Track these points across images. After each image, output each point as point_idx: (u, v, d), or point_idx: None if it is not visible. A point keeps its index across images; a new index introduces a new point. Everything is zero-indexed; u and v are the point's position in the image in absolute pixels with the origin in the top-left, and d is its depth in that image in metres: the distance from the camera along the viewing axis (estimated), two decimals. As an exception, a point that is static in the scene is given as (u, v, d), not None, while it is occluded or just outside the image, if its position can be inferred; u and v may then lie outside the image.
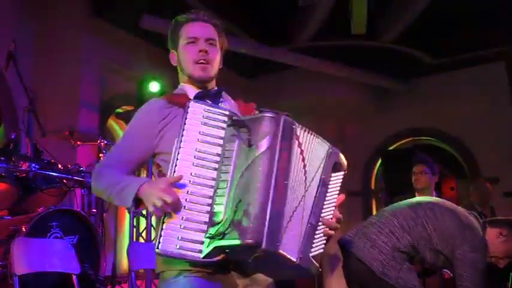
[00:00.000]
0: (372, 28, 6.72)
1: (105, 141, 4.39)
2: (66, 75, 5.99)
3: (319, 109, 8.41)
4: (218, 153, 1.56)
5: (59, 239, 3.28)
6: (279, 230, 1.50)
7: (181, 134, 1.54)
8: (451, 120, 8.04)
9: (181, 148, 1.53)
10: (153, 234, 5.66)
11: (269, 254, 1.48)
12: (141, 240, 5.63)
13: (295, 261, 1.57)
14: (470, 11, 6.26)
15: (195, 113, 1.57)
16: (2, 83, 5.27)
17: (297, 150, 1.61)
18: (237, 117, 1.60)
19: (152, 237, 5.60)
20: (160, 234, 1.46)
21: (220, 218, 1.48)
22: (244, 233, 1.44)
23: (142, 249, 3.61)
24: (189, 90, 1.85)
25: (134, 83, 6.37)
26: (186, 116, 1.56)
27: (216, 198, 1.51)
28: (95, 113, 6.25)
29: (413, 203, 2.84)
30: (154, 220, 6.17)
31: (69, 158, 4.37)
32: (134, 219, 5.73)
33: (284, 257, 1.52)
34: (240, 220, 1.45)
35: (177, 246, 1.45)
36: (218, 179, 1.53)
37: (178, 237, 1.46)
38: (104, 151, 4.35)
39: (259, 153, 1.51)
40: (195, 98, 1.74)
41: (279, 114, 1.59)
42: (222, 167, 1.54)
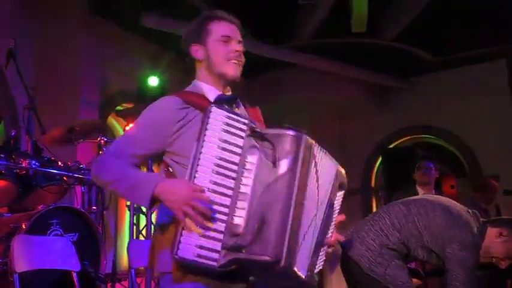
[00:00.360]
0: (373, 26, 6.71)
1: (105, 139, 4.39)
2: (66, 73, 5.99)
3: (320, 107, 8.42)
4: (237, 162, 1.54)
5: (59, 236, 3.27)
6: (295, 248, 1.52)
7: (203, 139, 1.51)
8: (452, 118, 8.04)
9: (202, 154, 1.50)
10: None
11: (284, 271, 1.49)
12: (141, 237, 5.63)
13: (304, 278, 1.60)
14: (471, 9, 6.25)
15: (217, 119, 1.54)
16: (2, 80, 5.27)
17: (313, 170, 1.62)
18: (257, 128, 1.58)
19: (152, 235, 5.60)
20: (179, 240, 1.45)
21: (240, 231, 1.48)
22: (265, 249, 1.45)
23: (143, 247, 3.60)
24: (207, 89, 1.80)
25: (134, 81, 6.38)
26: (207, 121, 1.52)
27: (235, 210, 1.50)
28: (95, 110, 6.25)
29: (408, 201, 2.84)
30: (155, 218, 6.18)
31: (69, 156, 4.37)
32: (134, 217, 5.73)
33: (295, 274, 1.55)
34: (260, 236, 1.46)
35: (195, 254, 1.44)
36: (237, 190, 1.52)
37: (197, 245, 1.45)
38: (104, 148, 4.35)
39: (283, 172, 1.52)
40: (215, 101, 1.70)
41: (300, 132, 1.58)
42: (242, 178, 1.53)
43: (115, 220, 6.55)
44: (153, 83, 6.26)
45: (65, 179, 3.86)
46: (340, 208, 1.88)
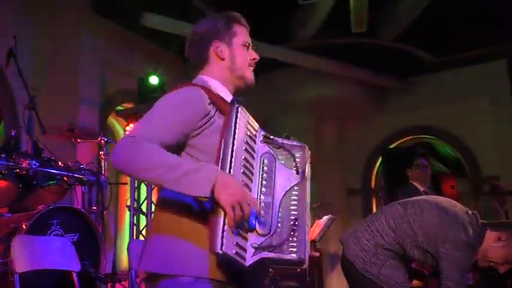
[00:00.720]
0: (373, 26, 6.71)
1: (105, 139, 4.39)
2: (67, 73, 5.99)
3: (320, 107, 8.42)
4: (256, 166, 1.61)
5: (59, 236, 3.28)
6: (308, 249, 1.63)
7: (233, 138, 1.51)
8: (452, 118, 8.04)
9: (233, 152, 1.51)
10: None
11: (304, 270, 1.58)
12: (142, 237, 5.64)
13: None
14: (471, 9, 6.26)
15: (242, 121, 1.58)
16: (2, 80, 5.27)
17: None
18: (270, 135, 1.67)
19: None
20: (223, 236, 1.41)
21: (267, 231, 1.53)
22: (294, 250, 1.53)
23: (143, 247, 3.60)
24: (220, 88, 1.78)
25: (134, 81, 6.38)
26: (236, 121, 1.54)
27: (260, 211, 1.55)
28: (95, 110, 6.25)
29: (406, 202, 2.84)
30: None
31: (69, 156, 4.37)
32: (134, 217, 5.74)
33: (307, 273, 1.73)
34: (288, 237, 1.54)
35: (234, 251, 1.45)
36: (260, 192, 1.58)
37: (234, 242, 1.45)
38: (104, 148, 4.36)
39: (301, 178, 1.66)
40: (231, 102, 1.66)
41: (305, 145, 1.74)
42: (263, 181, 1.60)
43: (115, 220, 6.55)
44: (153, 83, 6.27)
45: (65, 179, 3.86)
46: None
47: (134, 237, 5.63)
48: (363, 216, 8.33)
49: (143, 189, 5.99)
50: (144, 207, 5.91)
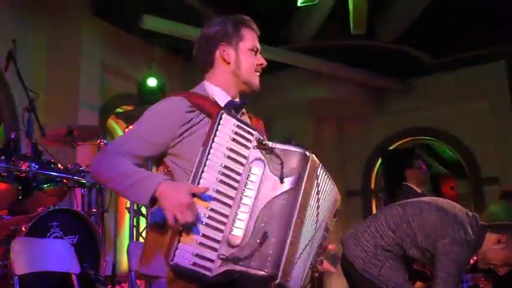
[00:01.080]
0: (372, 28, 6.72)
1: (105, 141, 4.39)
2: (66, 75, 5.99)
3: (319, 109, 8.42)
4: (241, 173, 1.52)
5: (58, 238, 3.28)
6: (291, 266, 1.52)
7: (210, 145, 1.49)
8: (451, 119, 8.04)
9: (208, 160, 1.48)
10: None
11: (278, 287, 1.49)
12: (141, 240, 5.63)
13: None
14: (470, 10, 6.26)
15: (226, 126, 1.52)
16: (2, 83, 5.27)
17: (314, 190, 1.63)
18: (265, 141, 1.57)
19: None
20: (176, 247, 1.42)
21: (238, 242, 1.47)
22: (263, 263, 1.45)
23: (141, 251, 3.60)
24: (218, 93, 1.77)
25: (134, 83, 6.38)
26: (217, 128, 1.50)
27: (235, 221, 1.48)
28: (95, 112, 6.25)
29: (406, 202, 2.84)
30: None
31: (69, 158, 4.37)
32: (134, 219, 5.73)
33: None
34: (258, 250, 1.45)
35: (191, 262, 1.42)
36: (239, 201, 1.50)
37: (193, 253, 1.43)
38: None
39: (287, 189, 1.52)
40: (225, 106, 1.68)
41: (307, 151, 1.58)
42: (245, 189, 1.51)
43: (115, 222, 6.55)
44: (153, 86, 6.26)
45: (64, 181, 3.86)
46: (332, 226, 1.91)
47: (134, 239, 5.61)
48: (362, 217, 8.33)
49: (143, 191, 5.96)
50: (143, 209, 5.90)
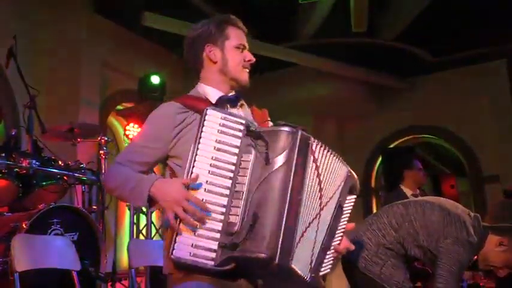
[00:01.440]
0: (373, 26, 6.71)
1: (105, 138, 4.40)
2: (67, 72, 5.99)
3: (320, 107, 8.41)
4: (233, 162, 1.56)
5: (59, 235, 3.27)
6: (291, 245, 1.52)
7: (198, 141, 1.54)
8: (452, 118, 8.04)
9: (197, 155, 1.53)
10: (154, 231, 5.67)
11: (281, 268, 1.50)
12: (141, 237, 5.64)
13: (306, 278, 1.60)
14: (471, 8, 6.26)
15: (212, 120, 1.56)
16: (3, 79, 5.27)
17: (312, 166, 1.61)
18: (253, 127, 1.59)
19: (152, 234, 5.60)
20: (175, 240, 1.47)
21: (235, 229, 1.49)
22: (259, 246, 1.46)
23: (143, 246, 3.60)
24: (211, 92, 1.84)
25: (135, 80, 6.38)
26: (203, 124, 1.55)
27: (231, 209, 1.52)
28: (95, 109, 6.25)
29: (408, 202, 2.84)
30: (155, 217, 6.18)
31: (69, 155, 4.37)
32: (134, 216, 5.73)
33: (295, 272, 1.55)
34: (255, 233, 1.47)
35: (191, 253, 1.46)
36: (233, 189, 1.54)
37: (192, 244, 1.47)
38: (104, 148, 4.36)
39: (276, 168, 1.53)
40: (216, 102, 1.76)
41: (295, 128, 1.58)
42: (238, 177, 1.54)
43: (115, 219, 6.56)
44: (153, 83, 6.27)
45: (65, 178, 3.85)
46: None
47: (134, 237, 5.62)
48: (363, 216, 8.33)
49: (143, 188, 5.96)
50: (143, 207, 5.91)
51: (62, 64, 5.99)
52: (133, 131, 6.20)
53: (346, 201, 1.82)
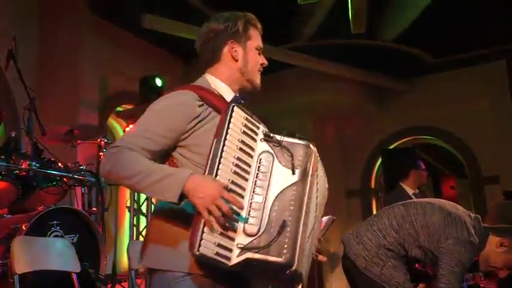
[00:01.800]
0: (373, 27, 6.71)
1: (105, 140, 4.40)
2: (67, 74, 5.99)
3: (319, 108, 8.42)
4: (254, 165, 1.57)
5: (59, 237, 3.28)
6: (303, 254, 1.57)
7: (225, 137, 1.51)
8: (452, 119, 8.04)
9: (224, 152, 1.51)
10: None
11: (295, 274, 1.53)
12: (141, 238, 5.64)
13: (304, 282, 1.63)
14: (471, 9, 6.26)
15: (238, 119, 1.56)
16: (2, 81, 5.27)
17: (315, 181, 1.66)
18: (270, 133, 1.61)
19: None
20: (202, 238, 1.45)
21: (255, 231, 1.50)
22: (280, 251, 1.48)
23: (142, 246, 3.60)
24: (223, 88, 1.80)
25: (135, 82, 6.39)
26: (229, 120, 1.53)
27: (251, 211, 1.52)
28: (95, 111, 6.25)
29: (409, 203, 2.86)
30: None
31: (69, 157, 4.37)
32: (134, 218, 5.74)
33: (302, 278, 1.59)
34: (276, 238, 1.49)
35: (214, 252, 1.45)
36: (253, 192, 1.54)
37: (216, 243, 1.46)
38: (104, 149, 4.36)
39: (297, 180, 1.57)
40: (231, 101, 1.71)
41: (309, 143, 1.64)
42: (257, 181, 1.56)
43: (115, 221, 6.55)
44: (153, 84, 6.27)
45: (65, 180, 3.86)
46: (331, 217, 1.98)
47: (134, 238, 5.62)
48: (362, 216, 8.33)
49: (143, 190, 5.96)
50: (144, 208, 5.91)
51: (62, 66, 5.99)
52: (133, 132, 6.19)
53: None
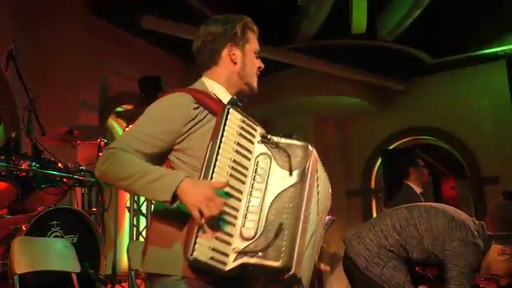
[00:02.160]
0: (373, 27, 6.72)
1: (105, 140, 4.40)
2: (66, 75, 5.99)
3: (320, 109, 8.43)
4: (251, 167, 1.54)
5: (59, 238, 3.27)
6: (301, 257, 1.53)
7: (220, 140, 1.49)
8: (451, 119, 8.05)
9: (219, 155, 1.48)
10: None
11: (294, 278, 1.50)
12: (141, 239, 5.64)
13: (304, 286, 1.61)
14: (470, 10, 6.26)
15: (233, 121, 1.54)
16: (2, 82, 5.27)
17: (315, 183, 1.64)
18: (268, 135, 1.59)
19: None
20: (195, 242, 1.42)
21: (251, 235, 1.47)
22: (277, 255, 1.45)
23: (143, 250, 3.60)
24: (220, 90, 1.78)
25: (134, 82, 6.38)
26: (224, 122, 1.52)
27: (248, 214, 1.50)
28: (95, 111, 6.25)
29: (412, 206, 2.86)
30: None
31: (69, 157, 4.37)
32: (134, 218, 5.74)
33: (301, 283, 1.57)
34: (273, 242, 1.46)
35: (209, 256, 1.42)
36: (250, 195, 1.52)
37: (210, 247, 1.43)
38: (104, 150, 4.35)
39: (295, 182, 1.54)
40: (228, 103, 1.68)
41: (307, 144, 1.61)
42: (255, 183, 1.53)
43: (115, 221, 6.54)
44: (153, 84, 6.27)
45: (64, 180, 3.86)
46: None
47: (134, 239, 5.62)
48: (362, 216, 8.34)
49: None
50: (143, 209, 5.91)
51: (62, 66, 5.98)
52: (133, 133, 6.19)
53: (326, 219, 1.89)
